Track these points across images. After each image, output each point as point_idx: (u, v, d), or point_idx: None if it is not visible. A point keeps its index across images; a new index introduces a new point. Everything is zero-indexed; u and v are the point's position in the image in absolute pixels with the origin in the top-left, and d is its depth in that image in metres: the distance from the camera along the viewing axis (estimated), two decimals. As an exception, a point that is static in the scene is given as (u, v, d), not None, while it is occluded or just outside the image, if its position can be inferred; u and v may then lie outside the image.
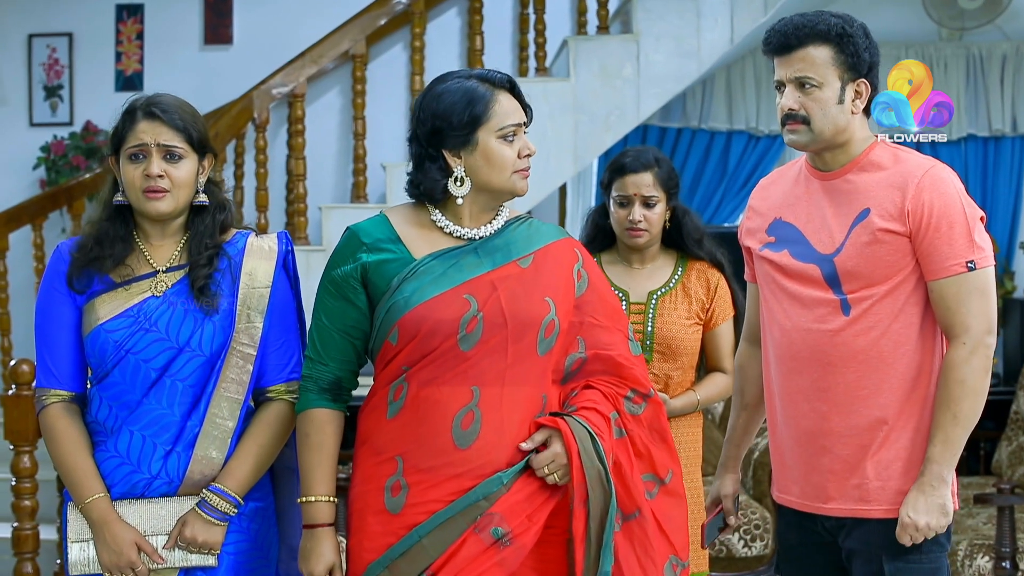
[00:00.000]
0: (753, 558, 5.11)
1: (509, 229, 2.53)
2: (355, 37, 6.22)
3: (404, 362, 2.41)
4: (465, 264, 2.45)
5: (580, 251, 2.60)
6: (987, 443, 5.89)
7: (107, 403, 2.56)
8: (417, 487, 2.38)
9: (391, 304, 2.41)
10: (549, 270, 2.50)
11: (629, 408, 2.53)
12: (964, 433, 2.57)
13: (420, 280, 2.41)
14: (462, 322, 2.38)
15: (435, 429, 2.38)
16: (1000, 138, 7.29)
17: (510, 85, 2.49)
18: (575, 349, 2.52)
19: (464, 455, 2.37)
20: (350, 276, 2.45)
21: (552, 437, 2.42)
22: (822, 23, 2.61)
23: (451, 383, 2.38)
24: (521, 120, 2.48)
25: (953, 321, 2.58)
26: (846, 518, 2.66)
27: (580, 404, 2.49)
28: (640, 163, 3.34)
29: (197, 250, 2.59)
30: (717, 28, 6.18)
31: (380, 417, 2.43)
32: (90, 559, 2.54)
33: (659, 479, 2.54)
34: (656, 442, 2.56)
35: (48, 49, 7.13)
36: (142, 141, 2.55)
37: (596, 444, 2.42)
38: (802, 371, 2.69)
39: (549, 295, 2.47)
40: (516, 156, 2.47)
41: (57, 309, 2.59)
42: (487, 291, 2.42)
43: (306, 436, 2.48)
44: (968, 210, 2.59)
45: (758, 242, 2.81)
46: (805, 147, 2.68)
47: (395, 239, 2.47)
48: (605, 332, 2.55)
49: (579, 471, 2.40)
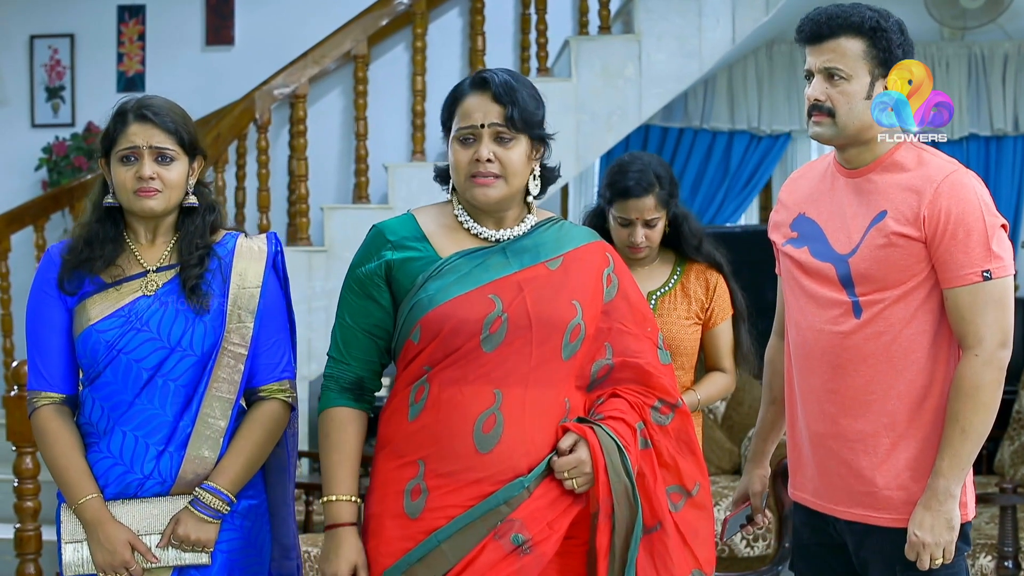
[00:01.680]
0: (756, 558, 5.10)
1: (539, 231, 2.48)
2: (357, 38, 6.22)
3: (426, 362, 2.36)
4: (492, 264, 2.40)
5: (612, 255, 2.54)
6: (990, 443, 5.89)
7: (99, 404, 2.56)
8: (437, 491, 2.32)
9: (415, 302, 2.37)
10: (578, 273, 2.45)
11: (656, 418, 2.47)
12: (973, 448, 2.51)
13: (445, 278, 2.37)
14: (486, 322, 2.34)
15: (456, 432, 2.33)
16: (1002, 137, 7.29)
17: (488, 85, 2.40)
18: (602, 355, 2.46)
19: (485, 459, 2.32)
20: (374, 274, 2.41)
21: (579, 443, 2.36)
22: (856, 15, 2.56)
23: (473, 384, 2.33)
24: (483, 122, 2.38)
25: (967, 331, 2.51)
26: (856, 523, 2.64)
27: (607, 413, 2.43)
28: (642, 187, 3.27)
29: (188, 250, 2.60)
30: (719, 28, 6.18)
31: (401, 420, 2.38)
32: (84, 560, 2.54)
33: (686, 491, 2.48)
34: (684, 453, 2.50)
35: (50, 50, 7.13)
36: (134, 143, 2.55)
37: (624, 457, 2.36)
38: (814, 371, 2.66)
39: (576, 298, 2.42)
40: (468, 160, 2.39)
41: (47, 312, 2.59)
42: (513, 292, 2.37)
43: (326, 436, 2.43)
44: (988, 218, 2.51)
45: (782, 237, 2.78)
46: (829, 141, 2.62)
47: (421, 237, 2.43)
48: (634, 339, 2.49)
49: (605, 485, 2.34)
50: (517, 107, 2.38)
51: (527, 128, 2.40)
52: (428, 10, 6.38)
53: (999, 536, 4.36)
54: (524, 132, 2.40)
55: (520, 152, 2.40)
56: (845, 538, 2.68)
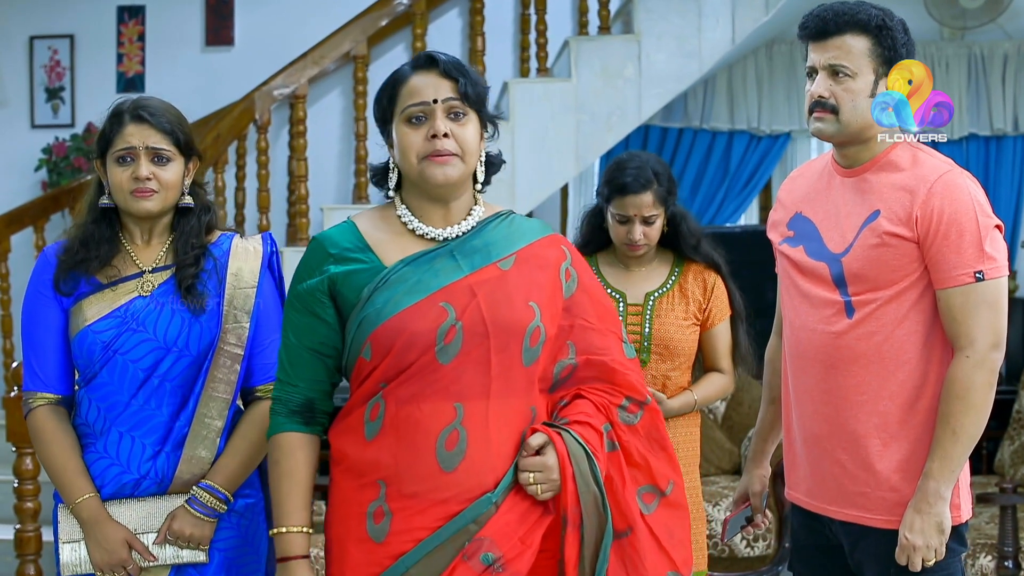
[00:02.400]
0: (756, 558, 5.11)
1: (489, 227, 2.33)
2: (356, 38, 6.22)
3: (381, 379, 2.22)
4: (441, 269, 2.26)
5: (568, 248, 2.41)
6: (990, 443, 5.89)
7: (95, 404, 2.56)
8: (401, 513, 2.19)
9: (363, 317, 2.23)
10: (533, 271, 2.31)
11: (624, 418, 2.34)
12: (964, 450, 2.50)
13: (393, 289, 2.23)
14: (439, 333, 2.19)
15: (418, 452, 2.18)
16: (1002, 137, 7.29)
17: (435, 63, 2.28)
18: (565, 355, 2.33)
19: (450, 478, 2.18)
20: (316, 290, 2.27)
21: (547, 447, 2.24)
22: (863, 12, 2.56)
23: (432, 399, 2.19)
24: (436, 97, 2.25)
25: (959, 332, 2.51)
26: (850, 523, 2.64)
27: (572, 417, 2.30)
28: (640, 183, 3.28)
29: (183, 250, 2.61)
30: (718, 28, 6.18)
31: (358, 438, 2.24)
32: (82, 559, 2.55)
33: (659, 490, 2.35)
34: (655, 451, 2.36)
35: (49, 51, 7.13)
36: (130, 144, 2.56)
37: (593, 465, 2.24)
38: (808, 371, 2.66)
39: (534, 299, 2.27)
40: (422, 139, 2.24)
41: (43, 312, 2.59)
42: (465, 298, 2.23)
43: (276, 463, 2.29)
44: (981, 218, 2.51)
45: (779, 236, 2.78)
46: (831, 138, 2.61)
47: (363, 247, 2.28)
48: (597, 335, 2.36)
49: (573, 495, 2.22)
50: (469, 81, 2.27)
51: (478, 104, 2.29)
52: (428, 10, 6.38)
53: (999, 536, 4.36)
54: (475, 108, 2.29)
55: (474, 130, 2.28)
56: (841, 539, 2.68)
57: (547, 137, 5.97)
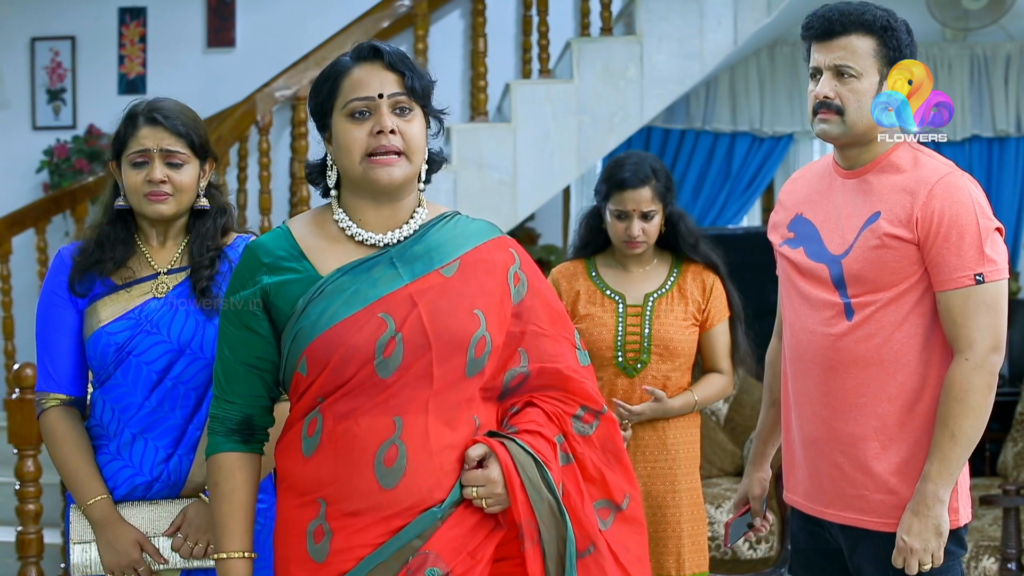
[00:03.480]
0: (759, 560, 5.11)
1: (432, 231, 2.20)
2: (358, 39, 6.20)
3: (318, 393, 2.10)
4: (380, 277, 2.12)
5: (516, 251, 2.27)
6: (993, 444, 5.88)
7: (109, 406, 2.56)
8: (342, 532, 2.08)
9: (297, 330, 2.11)
10: (478, 277, 2.17)
11: (578, 428, 2.22)
12: (963, 453, 2.50)
13: (328, 300, 2.10)
14: (378, 346, 2.07)
15: (356, 468, 2.07)
16: (1005, 138, 7.29)
17: (381, 53, 2.14)
18: (516, 363, 2.21)
19: (391, 496, 2.07)
20: (249, 301, 2.15)
21: (489, 458, 2.12)
22: (868, 13, 2.56)
23: (369, 414, 2.08)
24: (379, 92, 2.11)
25: (958, 335, 2.50)
26: (848, 527, 2.63)
27: (521, 426, 2.18)
28: (638, 178, 3.32)
29: (199, 252, 2.60)
30: (720, 29, 6.17)
31: (296, 455, 2.14)
32: (92, 561, 2.54)
33: (615, 505, 2.23)
34: (611, 463, 2.24)
35: (51, 52, 7.13)
36: (144, 147, 2.56)
37: (544, 472, 2.11)
38: (807, 374, 2.66)
39: (479, 307, 2.14)
40: (366, 135, 2.11)
41: (58, 313, 2.59)
42: (406, 308, 2.10)
43: (215, 485, 2.18)
44: (982, 221, 2.50)
45: (779, 237, 2.78)
46: (836, 139, 2.61)
47: (298, 255, 2.16)
48: (550, 341, 2.24)
49: (525, 505, 2.09)
50: (415, 75, 2.14)
51: (424, 99, 2.17)
52: (429, 12, 6.37)
53: (1002, 538, 4.36)
54: (421, 103, 2.16)
55: (420, 126, 2.15)
56: (840, 542, 2.68)
57: (549, 139, 5.97)
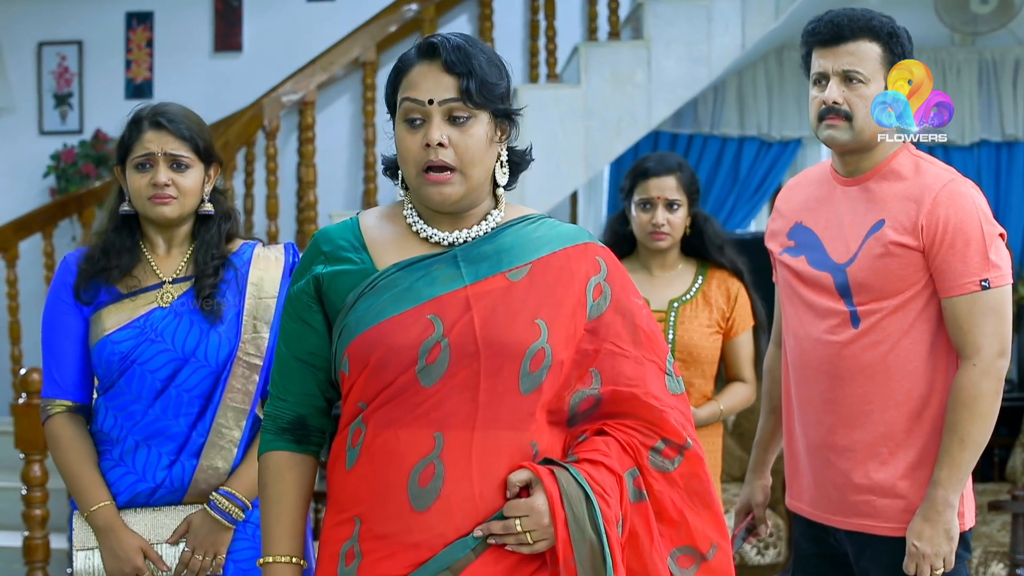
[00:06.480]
0: (767, 566, 5.09)
1: (506, 232, 2.00)
2: (365, 44, 6.22)
3: (359, 397, 1.94)
4: (438, 276, 1.94)
5: (605, 260, 2.04)
6: (1001, 450, 5.86)
7: (113, 413, 2.56)
8: (369, 556, 1.90)
9: (343, 326, 1.95)
10: (548, 284, 1.96)
11: (656, 463, 1.97)
12: (972, 458, 2.51)
13: (379, 296, 1.93)
14: (422, 350, 1.89)
15: (390, 486, 1.89)
16: (1013, 143, 7.26)
17: (438, 51, 1.93)
18: (587, 384, 1.97)
19: (422, 519, 1.87)
20: (303, 292, 2.00)
21: (535, 485, 1.89)
22: (875, 19, 2.57)
23: (410, 426, 1.88)
24: (431, 98, 1.91)
25: (964, 341, 2.52)
26: (854, 532, 2.63)
27: (584, 455, 1.95)
28: (663, 167, 3.35)
29: (203, 260, 2.61)
30: (728, 34, 6.16)
31: (340, 467, 1.97)
32: (96, 567, 2.55)
33: (699, 554, 1.98)
34: (696, 507, 1.99)
35: (58, 57, 7.14)
36: (149, 151, 2.56)
37: (594, 510, 1.87)
38: (812, 382, 2.66)
39: (543, 316, 1.93)
40: (418, 147, 1.92)
41: (63, 320, 2.59)
42: (458, 311, 1.91)
43: (264, 486, 2.03)
44: (986, 227, 2.52)
45: (779, 246, 2.78)
46: (844, 145, 2.60)
47: (359, 246, 1.99)
48: (630, 363, 1.99)
49: (566, 545, 1.86)
50: (474, 77, 1.91)
51: (488, 102, 1.94)
52: (437, 16, 6.38)
53: (1011, 544, 4.35)
54: (484, 108, 1.94)
55: (480, 134, 1.93)
56: (845, 548, 2.68)
57: (556, 143, 5.96)
